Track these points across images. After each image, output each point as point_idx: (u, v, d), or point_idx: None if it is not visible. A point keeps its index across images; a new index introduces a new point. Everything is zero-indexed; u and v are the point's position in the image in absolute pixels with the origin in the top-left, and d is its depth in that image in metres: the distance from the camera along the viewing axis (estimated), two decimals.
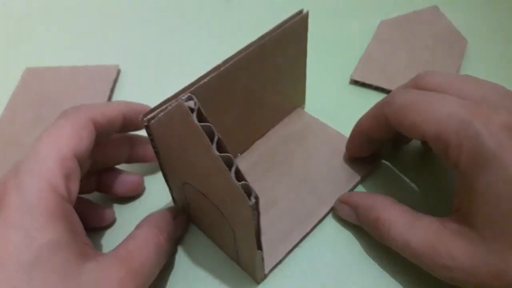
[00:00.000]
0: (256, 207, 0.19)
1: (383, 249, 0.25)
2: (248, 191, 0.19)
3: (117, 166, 0.29)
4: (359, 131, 0.27)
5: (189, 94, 0.20)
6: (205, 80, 0.24)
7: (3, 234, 0.19)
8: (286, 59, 0.29)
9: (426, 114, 0.21)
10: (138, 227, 0.24)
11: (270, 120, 0.32)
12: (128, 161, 0.29)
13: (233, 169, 0.19)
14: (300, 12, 0.27)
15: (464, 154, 0.20)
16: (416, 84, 0.24)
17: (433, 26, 0.39)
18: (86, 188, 0.27)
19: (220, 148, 0.19)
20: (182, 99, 0.19)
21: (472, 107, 0.20)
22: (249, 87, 0.28)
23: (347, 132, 0.29)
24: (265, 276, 0.26)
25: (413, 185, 0.29)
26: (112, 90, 0.37)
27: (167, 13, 0.45)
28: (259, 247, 0.22)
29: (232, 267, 0.26)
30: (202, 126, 0.19)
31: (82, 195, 0.27)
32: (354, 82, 0.36)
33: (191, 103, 0.19)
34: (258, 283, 0.25)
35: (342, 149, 0.30)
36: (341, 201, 0.27)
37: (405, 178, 0.29)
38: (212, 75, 0.24)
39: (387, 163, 0.30)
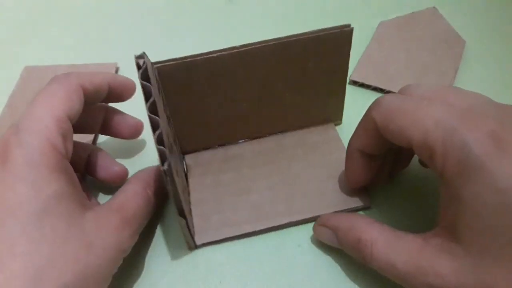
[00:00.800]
0: (169, 174, 0.20)
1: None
2: (164, 157, 0.20)
3: (107, 151, 0.30)
4: (352, 147, 0.26)
5: (143, 52, 0.22)
6: (214, 55, 0.25)
7: (12, 186, 0.20)
8: (319, 68, 0.28)
9: (412, 119, 0.21)
10: (128, 182, 0.26)
11: (292, 121, 0.32)
12: (102, 131, 0.30)
13: (157, 132, 0.20)
14: (346, 26, 0.26)
15: (450, 162, 0.19)
16: None
17: (432, 27, 0.40)
18: (77, 165, 0.28)
19: (152, 110, 0.21)
20: (136, 56, 0.21)
21: (459, 114, 0.20)
22: (268, 80, 0.28)
23: (344, 130, 0.29)
24: (196, 247, 0.27)
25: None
26: None
27: (167, 12, 0.45)
28: (181, 214, 0.23)
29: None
30: (143, 85, 0.21)
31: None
32: (353, 83, 0.36)
33: (140, 61, 0.21)
34: (189, 250, 0.27)
35: (343, 176, 0.29)
36: (320, 223, 0.26)
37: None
38: (224, 53, 0.25)
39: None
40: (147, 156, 0.32)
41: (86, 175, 0.29)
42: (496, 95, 0.22)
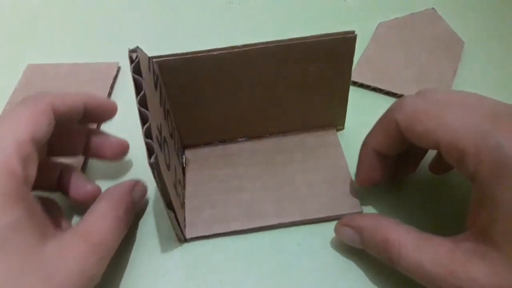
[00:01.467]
0: (156, 167, 0.20)
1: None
2: (151, 150, 0.20)
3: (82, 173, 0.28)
4: (368, 146, 0.26)
5: (136, 46, 0.22)
6: (215, 53, 0.26)
7: None
8: (320, 73, 0.28)
9: (440, 121, 0.21)
10: (97, 201, 0.25)
11: (293, 123, 0.32)
12: (85, 153, 0.28)
13: (146, 126, 0.21)
14: (349, 32, 0.26)
15: (484, 165, 0.19)
16: None
17: (431, 28, 0.40)
18: (47, 183, 0.27)
19: (142, 103, 0.21)
20: (129, 49, 0.22)
21: (488, 117, 0.20)
22: (268, 81, 0.28)
23: (346, 136, 0.28)
24: (185, 240, 0.27)
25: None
26: (112, 87, 0.37)
27: (168, 12, 0.46)
28: (169, 206, 0.24)
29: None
30: (135, 78, 0.21)
31: (47, 195, 0.27)
32: (353, 83, 0.37)
33: (133, 55, 0.22)
34: (179, 242, 0.27)
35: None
36: (342, 224, 0.25)
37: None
38: (224, 51, 0.26)
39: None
40: (137, 168, 0.32)
41: (54, 202, 0.27)
42: (494, 96, 0.22)
